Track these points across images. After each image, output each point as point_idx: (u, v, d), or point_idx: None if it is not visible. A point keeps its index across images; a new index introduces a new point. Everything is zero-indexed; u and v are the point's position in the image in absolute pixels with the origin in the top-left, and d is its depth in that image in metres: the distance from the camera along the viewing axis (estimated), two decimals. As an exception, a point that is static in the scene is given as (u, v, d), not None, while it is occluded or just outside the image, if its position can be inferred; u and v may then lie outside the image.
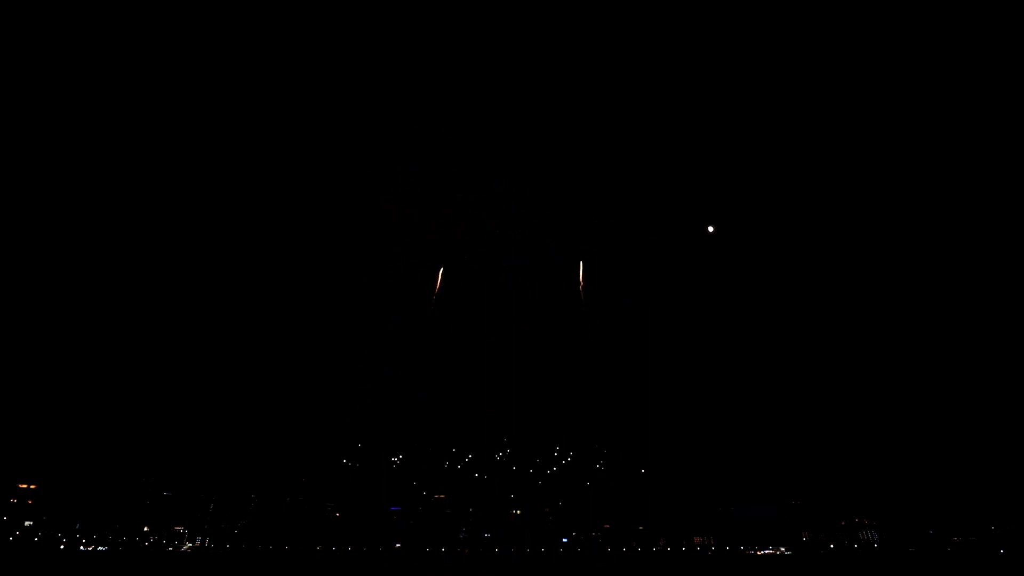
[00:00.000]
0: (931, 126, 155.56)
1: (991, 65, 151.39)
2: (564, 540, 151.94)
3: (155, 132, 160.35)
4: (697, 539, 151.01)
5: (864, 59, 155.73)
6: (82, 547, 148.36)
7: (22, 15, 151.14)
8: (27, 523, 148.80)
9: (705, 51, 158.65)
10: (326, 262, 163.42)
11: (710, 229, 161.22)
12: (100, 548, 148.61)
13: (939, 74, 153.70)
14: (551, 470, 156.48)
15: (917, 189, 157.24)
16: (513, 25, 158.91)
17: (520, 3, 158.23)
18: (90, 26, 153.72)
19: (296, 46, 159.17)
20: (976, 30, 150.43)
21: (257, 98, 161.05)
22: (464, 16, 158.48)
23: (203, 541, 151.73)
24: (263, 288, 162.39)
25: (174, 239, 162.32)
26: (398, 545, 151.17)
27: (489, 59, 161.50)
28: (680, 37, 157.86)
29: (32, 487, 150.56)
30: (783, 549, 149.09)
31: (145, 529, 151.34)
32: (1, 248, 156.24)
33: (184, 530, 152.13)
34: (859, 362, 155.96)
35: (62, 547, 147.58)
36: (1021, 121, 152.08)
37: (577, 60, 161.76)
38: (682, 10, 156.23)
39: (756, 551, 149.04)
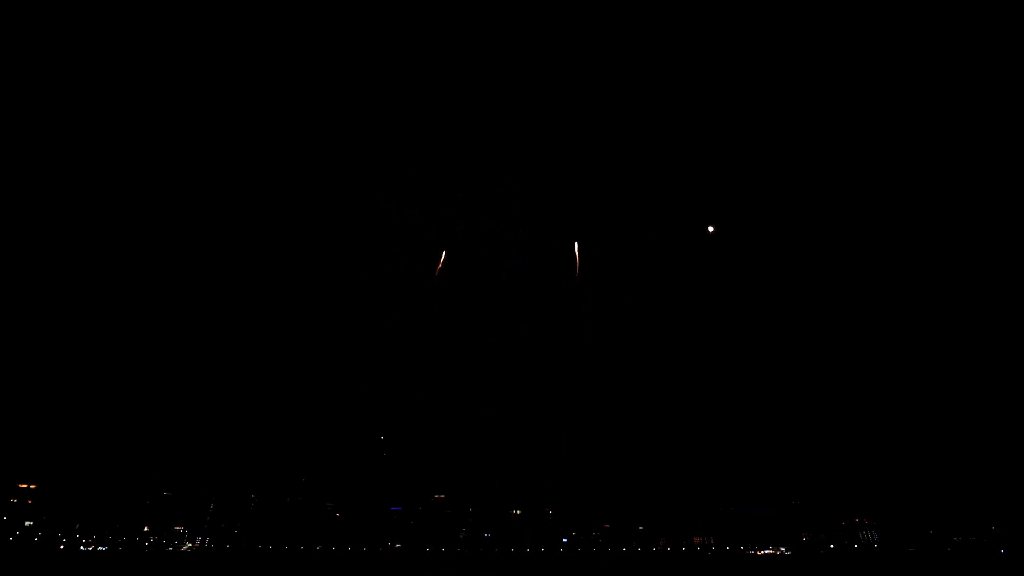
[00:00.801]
0: (931, 126, 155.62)
1: (991, 65, 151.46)
2: (564, 540, 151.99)
3: (153, 132, 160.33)
4: (697, 539, 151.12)
5: (864, 59, 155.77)
6: (82, 547, 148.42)
7: (22, 15, 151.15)
8: (27, 523, 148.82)
9: (705, 51, 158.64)
10: (326, 262, 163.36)
11: (710, 229, 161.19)
12: (100, 548, 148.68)
13: (939, 74, 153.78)
14: (551, 470, 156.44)
15: (917, 189, 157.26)
16: (512, 25, 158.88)
17: (520, 3, 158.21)
18: (89, 25, 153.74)
19: (295, 46, 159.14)
20: (976, 30, 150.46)
21: (256, 98, 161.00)
22: (464, 16, 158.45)
23: (203, 541, 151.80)
24: (263, 288, 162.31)
25: (173, 239, 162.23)
26: (398, 545, 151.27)
27: (489, 59, 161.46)
28: (680, 37, 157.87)
29: (32, 487, 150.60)
30: (783, 549, 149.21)
31: (145, 529, 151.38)
32: (1, 248, 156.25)
33: (184, 530, 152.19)
34: (858, 362, 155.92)
35: (62, 547, 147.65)
36: (1021, 121, 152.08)
37: (576, 60, 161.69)
38: (682, 10, 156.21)
39: (756, 551, 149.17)
